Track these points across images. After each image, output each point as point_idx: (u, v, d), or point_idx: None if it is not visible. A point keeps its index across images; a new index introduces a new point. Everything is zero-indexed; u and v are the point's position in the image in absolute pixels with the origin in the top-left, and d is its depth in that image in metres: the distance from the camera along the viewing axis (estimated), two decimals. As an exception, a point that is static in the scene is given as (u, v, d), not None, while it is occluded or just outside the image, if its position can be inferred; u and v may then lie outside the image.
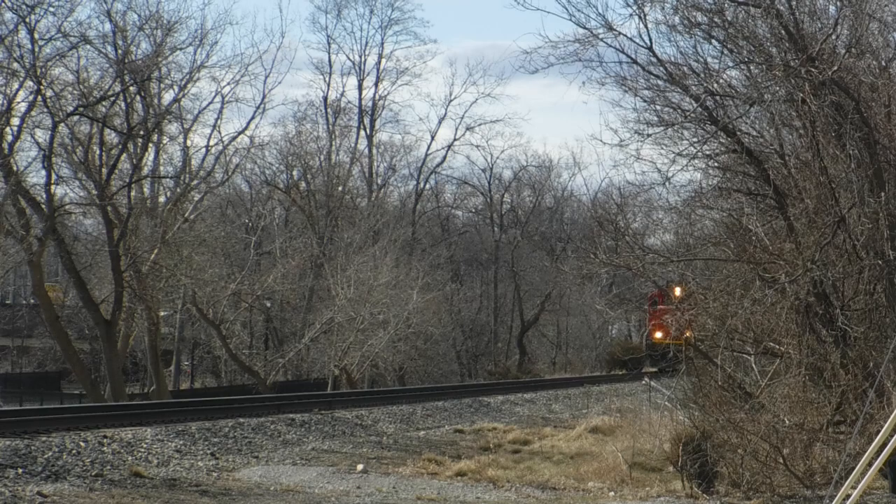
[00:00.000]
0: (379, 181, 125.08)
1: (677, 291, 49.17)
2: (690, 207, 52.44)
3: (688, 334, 45.06)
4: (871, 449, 23.06)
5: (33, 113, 71.90)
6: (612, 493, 34.04)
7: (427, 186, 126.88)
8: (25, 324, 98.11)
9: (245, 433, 36.84)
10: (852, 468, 23.14)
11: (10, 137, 70.99)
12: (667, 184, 47.64)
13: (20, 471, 26.89)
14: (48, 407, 41.51)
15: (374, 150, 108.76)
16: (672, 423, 40.06)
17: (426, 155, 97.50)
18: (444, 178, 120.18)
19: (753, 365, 39.46)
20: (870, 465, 22.81)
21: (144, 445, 32.13)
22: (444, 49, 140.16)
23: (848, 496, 22.43)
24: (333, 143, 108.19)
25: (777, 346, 39.91)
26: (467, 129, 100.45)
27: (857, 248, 37.49)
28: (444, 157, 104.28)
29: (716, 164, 45.80)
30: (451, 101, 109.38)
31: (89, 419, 36.01)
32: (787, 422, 36.38)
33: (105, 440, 31.46)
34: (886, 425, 23.06)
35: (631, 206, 58.51)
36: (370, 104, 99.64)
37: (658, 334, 59.00)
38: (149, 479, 29.08)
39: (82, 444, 30.61)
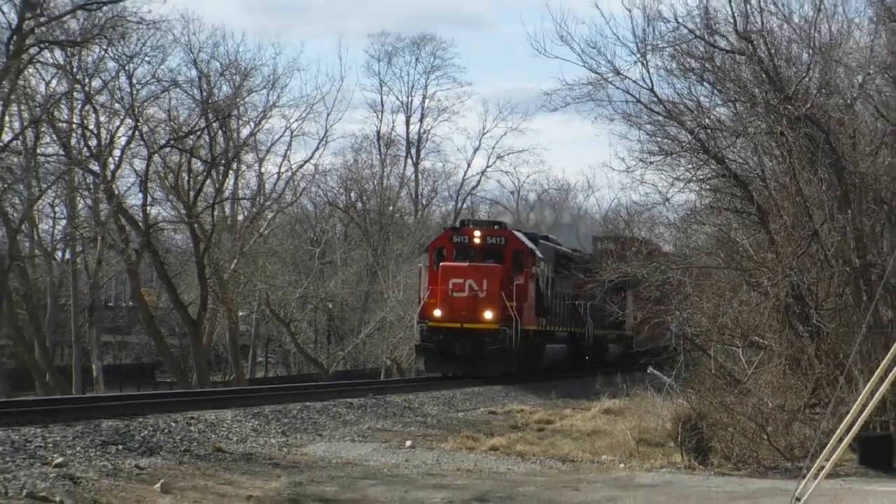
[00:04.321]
0: (423, 202, 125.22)
1: None
2: (686, 223, 52.76)
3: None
4: (841, 427, 22.90)
5: (132, 145, 72.41)
6: (621, 465, 33.91)
7: (464, 206, 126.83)
8: (125, 323, 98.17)
9: (311, 415, 36.85)
10: (826, 443, 22.95)
11: (112, 166, 71.28)
12: (666, 203, 48.79)
13: (120, 447, 26.81)
14: (144, 393, 41.76)
15: (420, 176, 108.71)
16: (672, 405, 39.86)
17: (463, 180, 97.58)
18: (478, 199, 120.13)
19: (741, 356, 39.36)
20: (840, 440, 22.66)
21: (225, 425, 32.10)
22: (478, 90, 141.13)
23: (822, 467, 22.27)
24: (385, 169, 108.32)
25: (761, 340, 39.85)
26: (498, 157, 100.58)
27: (828, 257, 37.31)
28: (479, 182, 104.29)
29: (708, 187, 45.72)
30: (483, 134, 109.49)
31: (179, 403, 36.12)
32: (770, 404, 36.21)
33: (192, 421, 31.45)
34: (854, 407, 22.89)
35: (636, 222, 58.11)
36: (416, 137, 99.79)
37: (436, 312, 51.20)
38: (229, 454, 29.00)
39: (173, 424, 30.58)
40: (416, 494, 26.01)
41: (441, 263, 51.14)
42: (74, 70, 66.72)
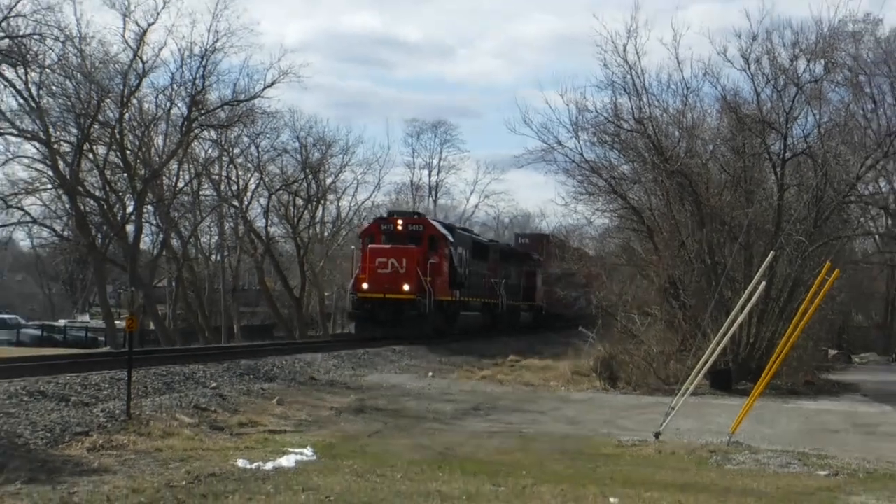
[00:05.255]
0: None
1: None
2: (603, 237, 53.46)
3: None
4: (699, 364, 23.02)
5: (258, 189, 72.47)
6: (563, 388, 33.92)
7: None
8: (254, 299, 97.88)
9: (370, 357, 36.70)
10: (689, 374, 23.05)
11: (246, 202, 71.56)
12: (590, 224, 49.68)
13: (251, 376, 26.92)
14: (265, 343, 41.64)
15: (436, 209, 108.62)
16: (595, 351, 39.93)
17: (463, 211, 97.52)
18: (472, 223, 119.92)
19: (637, 320, 39.39)
20: (699, 373, 22.76)
21: (316, 363, 32.07)
22: (473, 155, 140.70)
23: (687, 389, 22.37)
24: (415, 205, 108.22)
25: (649, 310, 39.91)
26: (485, 196, 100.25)
27: (691, 258, 37.42)
28: (473, 212, 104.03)
29: (616, 215, 46.28)
30: (476, 182, 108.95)
31: (288, 349, 36.03)
32: (654, 350, 36.31)
33: (296, 361, 31.47)
34: (707, 352, 23.00)
35: (573, 237, 58.21)
36: (434, 184, 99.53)
37: (364, 285, 45.63)
38: (319, 381, 29.03)
39: (284, 362, 30.64)
40: (435, 405, 26.10)
41: (369, 246, 46.44)
42: (222, 142, 66.99)
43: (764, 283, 24.49)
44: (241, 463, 15.46)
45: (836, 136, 40.83)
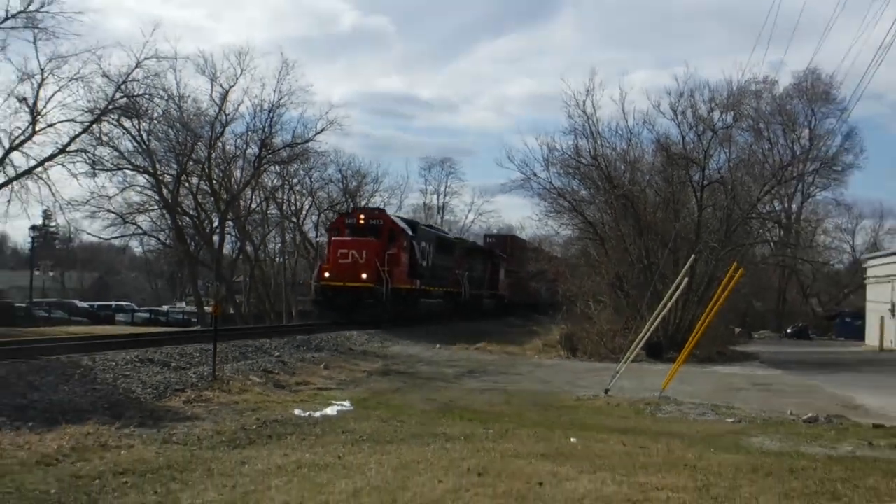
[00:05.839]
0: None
1: None
2: (567, 245, 53.07)
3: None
4: (637, 339, 23.01)
5: (311, 209, 72.44)
6: (536, 357, 33.91)
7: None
8: (307, 291, 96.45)
9: (398, 332, 36.15)
10: (630, 346, 23.03)
11: (301, 218, 71.55)
12: (558, 235, 49.22)
13: (305, 348, 26.84)
14: (315, 323, 41.07)
15: (443, 223, 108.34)
16: (561, 329, 39.86)
17: (463, 225, 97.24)
18: (470, 234, 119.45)
19: (592, 306, 39.17)
20: (638, 345, 22.75)
21: (353, 338, 31.81)
22: (470, 183, 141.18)
23: (628, 358, 22.36)
24: (426, 220, 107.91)
25: (601, 298, 39.76)
26: (479, 214, 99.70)
27: (633, 259, 37.37)
28: (470, 226, 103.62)
29: (577, 227, 45.98)
30: (472, 203, 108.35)
31: (333, 327, 35.03)
32: (605, 328, 36.24)
33: (338, 336, 31.18)
34: (644, 330, 23.00)
35: (544, 244, 58.04)
36: (441, 205, 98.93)
37: (326, 274, 37.93)
38: (354, 350, 28.91)
39: (330, 336, 30.47)
40: (441, 369, 26.11)
41: (333, 238, 39.35)
42: (284, 174, 66.94)
43: (687, 279, 24.51)
44: (297, 412, 15.50)
45: (741, 168, 41.40)
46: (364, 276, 36.38)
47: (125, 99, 50.80)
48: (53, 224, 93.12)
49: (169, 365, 19.38)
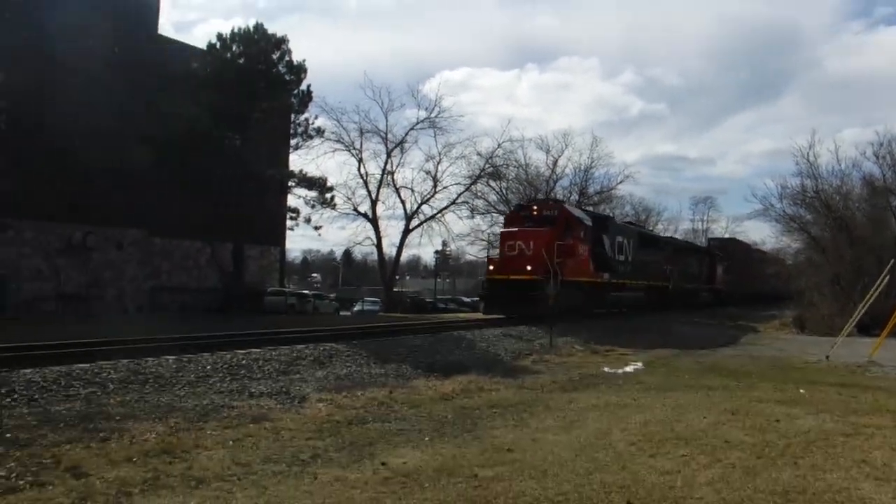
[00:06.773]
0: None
1: None
2: (796, 254, 47.33)
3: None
4: (850, 320, 20.23)
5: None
6: (774, 332, 30.66)
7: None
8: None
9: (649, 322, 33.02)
10: (845, 325, 20.29)
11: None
12: (790, 247, 43.96)
13: (612, 328, 25.66)
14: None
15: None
16: (791, 312, 35.87)
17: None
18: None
19: (816, 295, 34.45)
20: (851, 324, 20.05)
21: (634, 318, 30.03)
22: (725, 213, 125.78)
23: (845, 333, 19.67)
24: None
25: (822, 291, 35.12)
26: (733, 234, 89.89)
27: (846, 262, 33.09)
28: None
29: (804, 242, 41.32)
30: (727, 227, 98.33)
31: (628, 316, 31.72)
32: (826, 312, 31.60)
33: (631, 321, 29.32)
34: (855, 314, 20.17)
35: (780, 253, 51.99)
36: (705, 229, 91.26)
37: (491, 267, 24.41)
38: (663, 328, 27.47)
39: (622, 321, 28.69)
40: (701, 341, 24.37)
41: (501, 230, 25.93)
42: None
43: (888, 277, 21.26)
44: (606, 369, 15.15)
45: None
46: (529, 267, 22.94)
47: (491, 168, 52.51)
48: (448, 249, 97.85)
49: (521, 338, 19.42)
